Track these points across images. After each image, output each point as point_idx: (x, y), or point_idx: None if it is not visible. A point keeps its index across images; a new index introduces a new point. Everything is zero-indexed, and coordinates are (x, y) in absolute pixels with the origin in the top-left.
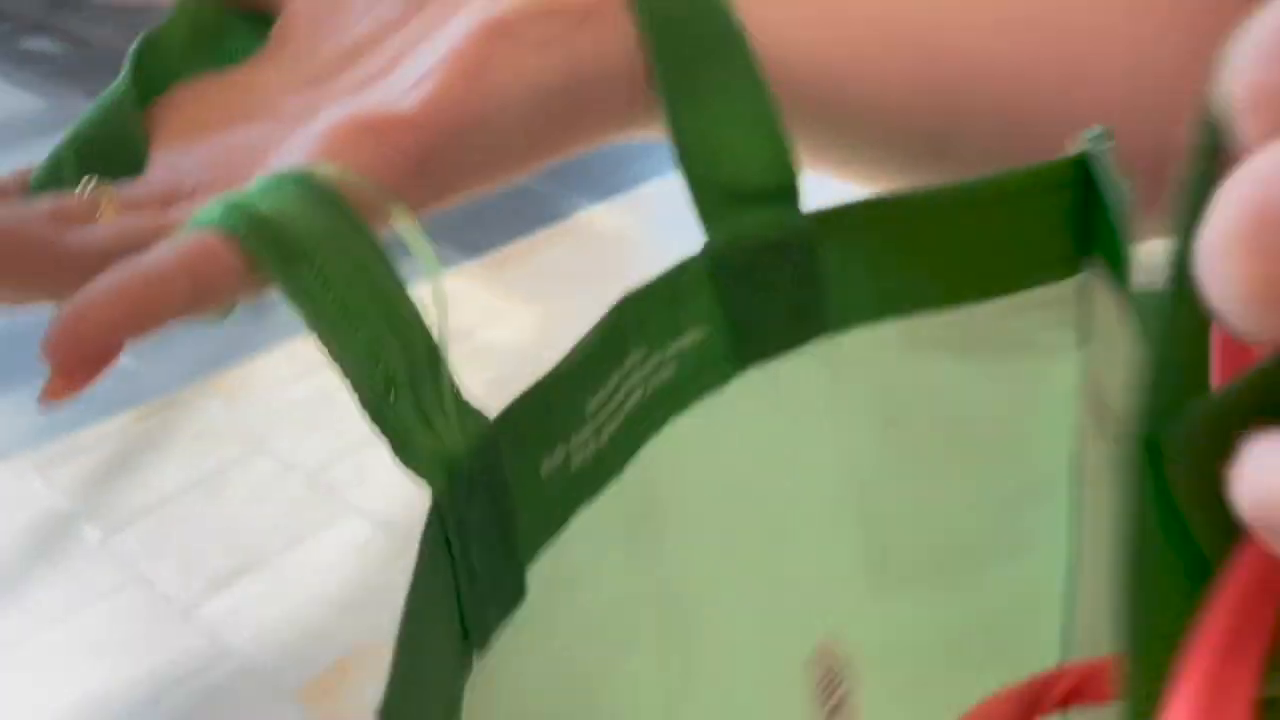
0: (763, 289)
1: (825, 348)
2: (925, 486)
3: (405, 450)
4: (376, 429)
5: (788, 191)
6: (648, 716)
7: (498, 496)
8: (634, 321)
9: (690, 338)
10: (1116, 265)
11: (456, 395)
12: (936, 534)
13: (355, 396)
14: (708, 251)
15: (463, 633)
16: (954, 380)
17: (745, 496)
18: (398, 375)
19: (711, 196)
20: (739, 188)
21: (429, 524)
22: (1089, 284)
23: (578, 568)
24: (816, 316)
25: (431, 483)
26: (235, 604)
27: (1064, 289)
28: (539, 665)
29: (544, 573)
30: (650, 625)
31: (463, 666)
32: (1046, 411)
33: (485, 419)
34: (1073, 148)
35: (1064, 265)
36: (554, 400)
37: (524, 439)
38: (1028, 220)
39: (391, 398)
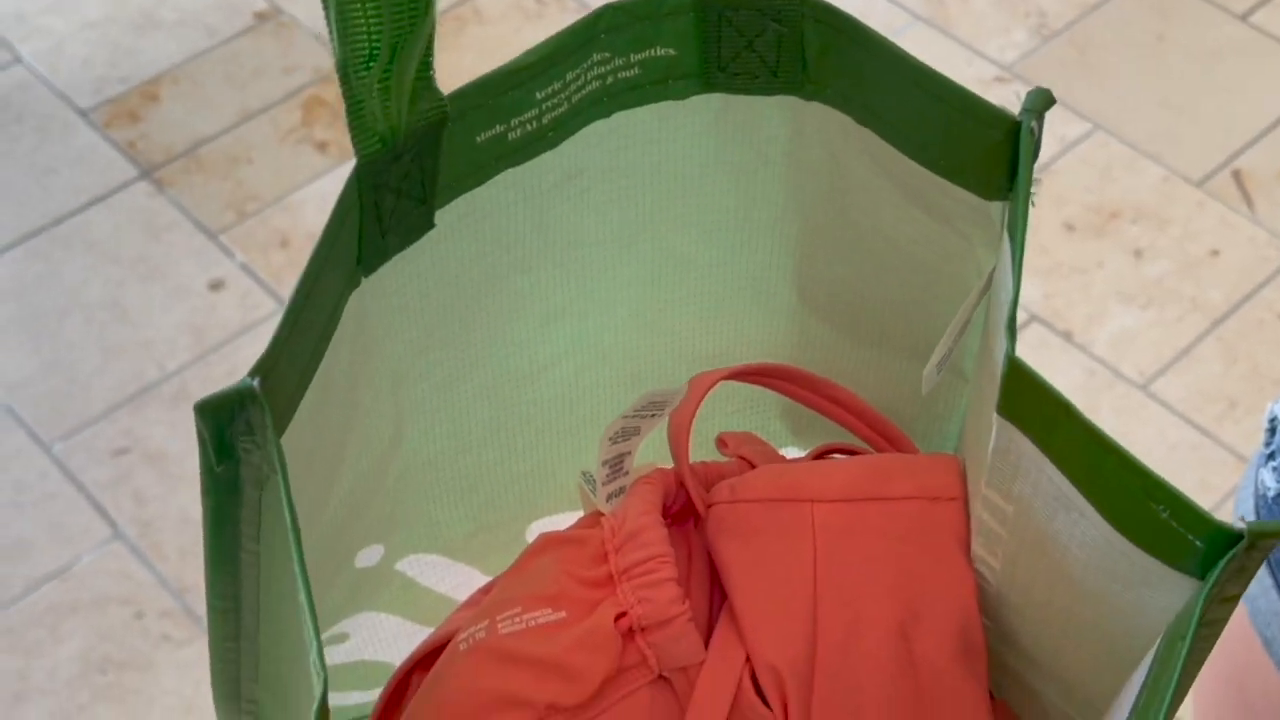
0: (743, 39)
1: (791, 104)
2: (856, 261)
3: (355, 117)
4: (343, 91)
5: None
6: (524, 325)
7: (426, 162)
8: (607, 28)
9: (659, 52)
10: (1016, 216)
11: (423, 76)
12: (855, 306)
13: (338, 59)
14: None
15: (357, 259)
16: (892, 203)
17: (676, 194)
18: (382, 49)
19: None
20: None
21: (349, 183)
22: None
23: (492, 206)
24: (788, 79)
25: (364, 149)
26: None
27: (988, 206)
28: (435, 276)
29: (457, 211)
30: (546, 258)
31: (350, 282)
32: (957, 283)
33: (440, 99)
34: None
35: (991, 187)
36: (506, 87)
37: (466, 116)
38: (972, 132)
39: (367, 70)
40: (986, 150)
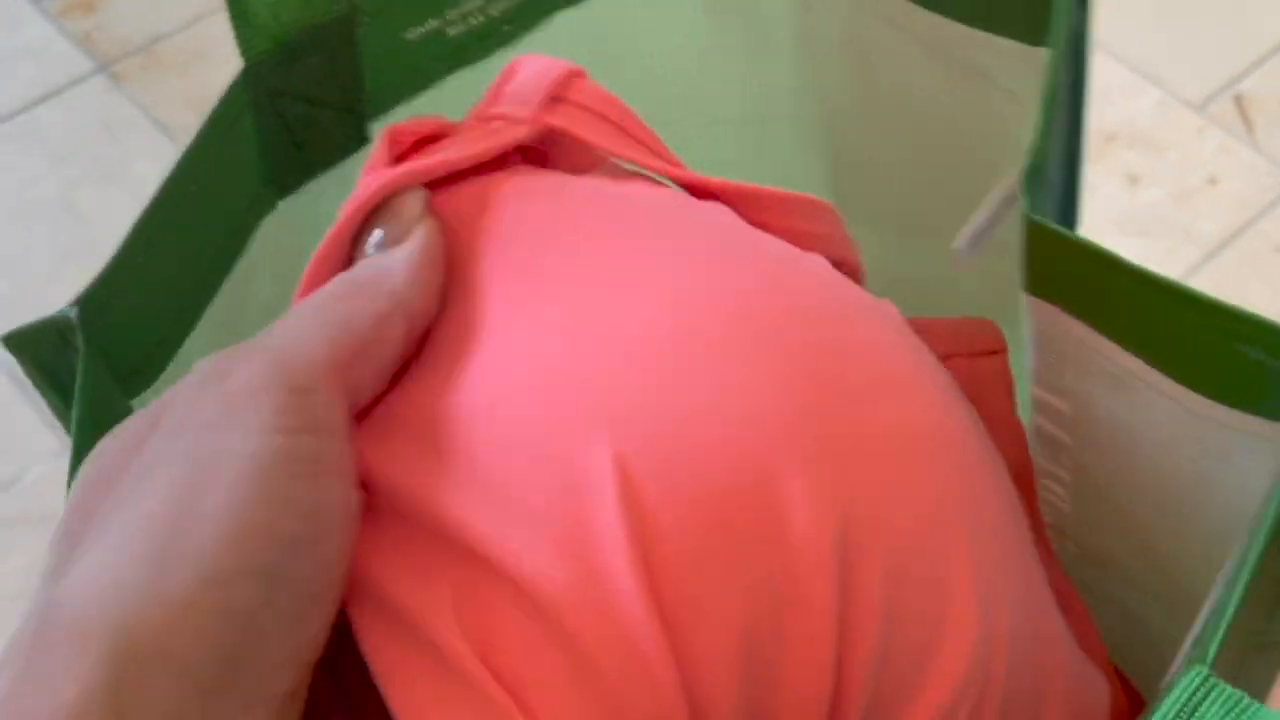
0: None
1: None
2: (886, 146)
3: (237, 8)
4: None
5: None
6: None
7: (341, 65)
8: None
9: None
10: (1055, 58)
11: None
12: (893, 190)
13: None
14: None
15: (268, 178)
16: (922, 71)
17: (674, 92)
18: None
19: None
20: None
21: (233, 90)
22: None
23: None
24: None
25: (250, 49)
26: None
27: (1035, 53)
28: None
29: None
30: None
31: (256, 206)
32: (997, 148)
33: None
34: None
35: (1038, 31)
36: None
37: (387, 9)
38: None
39: None
40: None
